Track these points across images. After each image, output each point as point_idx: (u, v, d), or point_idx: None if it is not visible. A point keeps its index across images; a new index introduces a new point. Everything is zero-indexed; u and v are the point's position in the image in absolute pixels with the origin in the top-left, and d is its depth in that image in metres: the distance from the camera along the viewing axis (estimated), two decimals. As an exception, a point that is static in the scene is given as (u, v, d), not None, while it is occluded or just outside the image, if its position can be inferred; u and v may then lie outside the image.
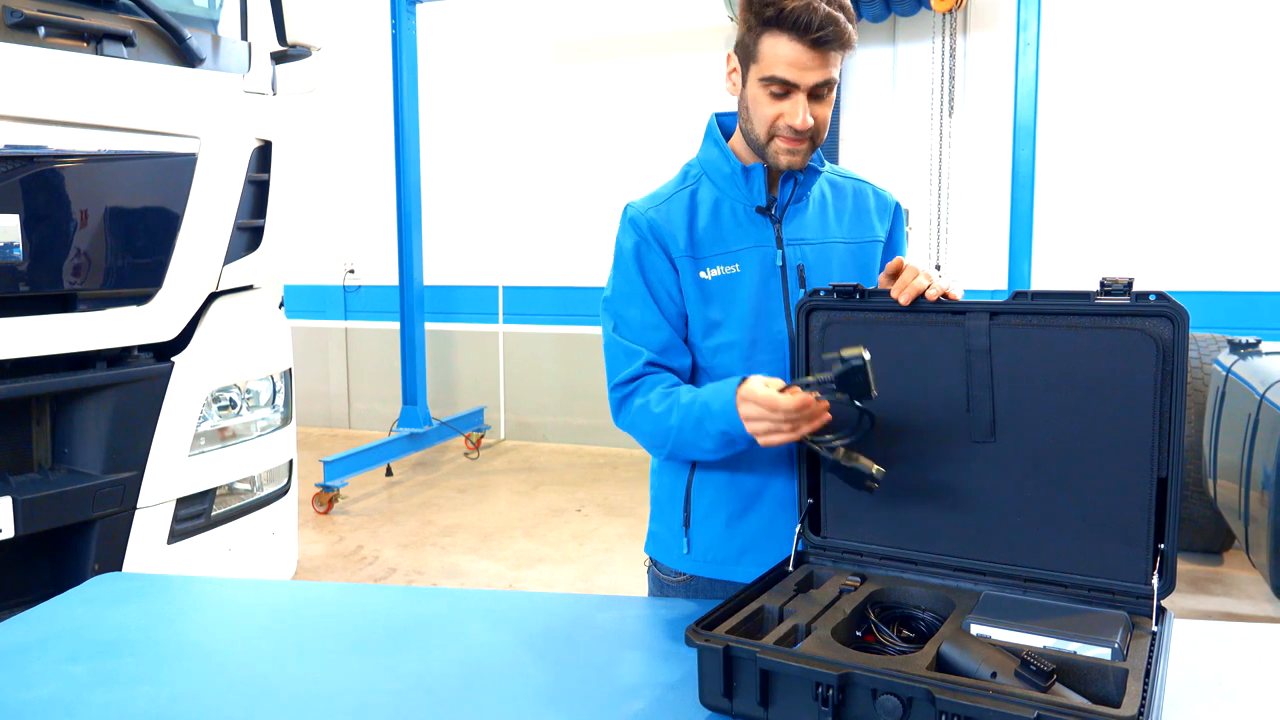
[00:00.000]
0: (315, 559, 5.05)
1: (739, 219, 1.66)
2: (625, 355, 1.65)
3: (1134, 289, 1.31)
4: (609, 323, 1.69)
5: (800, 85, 1.51)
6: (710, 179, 1.69)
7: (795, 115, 1.52)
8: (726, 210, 1.67)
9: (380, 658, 1.50)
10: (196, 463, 3.15)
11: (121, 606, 1.73)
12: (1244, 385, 3.69)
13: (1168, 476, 1.33)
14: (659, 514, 1.79)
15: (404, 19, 6.61)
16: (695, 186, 1.69)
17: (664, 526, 1.77)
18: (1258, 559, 3.42)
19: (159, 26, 2.93)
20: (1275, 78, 5.67)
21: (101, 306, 2.91)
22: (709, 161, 1.70)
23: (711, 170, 1.69)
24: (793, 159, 1.58)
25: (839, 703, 1.18)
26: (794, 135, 1.55)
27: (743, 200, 1.66)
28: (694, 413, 1.53)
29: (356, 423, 8.23)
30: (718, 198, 1.68)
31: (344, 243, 8.07)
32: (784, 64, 1.49)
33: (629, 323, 1.66)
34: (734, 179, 1.66)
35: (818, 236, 1.68)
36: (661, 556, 1.79)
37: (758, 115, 1.57)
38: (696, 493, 1.71)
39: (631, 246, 1.66)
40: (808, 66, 1.49)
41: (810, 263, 1.66)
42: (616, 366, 1.66)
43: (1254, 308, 5.77)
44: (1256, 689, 1.34)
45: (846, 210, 1.73)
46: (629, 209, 1.70)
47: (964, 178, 6.38)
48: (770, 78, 1.51)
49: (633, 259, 1.66)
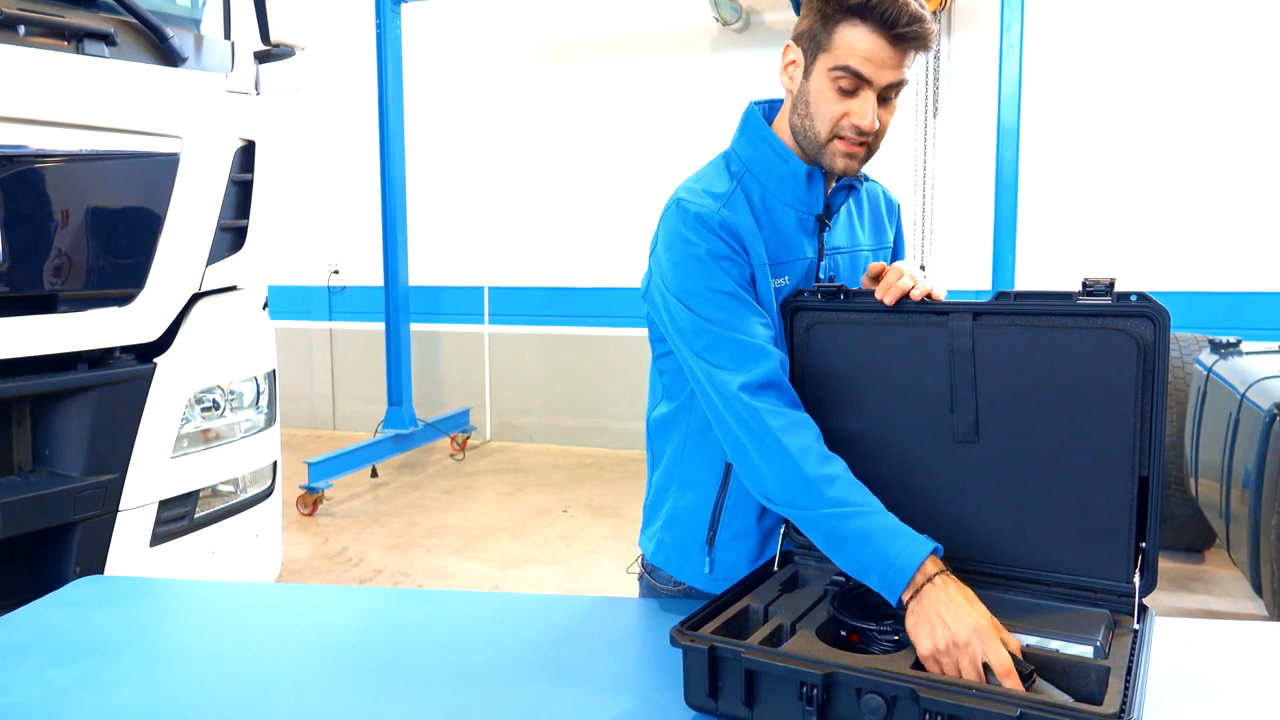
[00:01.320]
0: (300, 561, 5.02)
1: (792, 224, 1.54)
2: (746, 351, 1.41)
3: (1116, 289, 1.32)
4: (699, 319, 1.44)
5: (874, 82, 1.41)
6: (758, 178, 1.54)
7: (864, 115, 1.42)
8: (779, 213, 1.53)
9: (365, 660, 1.49)
10: (179, 465, 3.13)
11: (103, 609, 1.72)
12: (1225, 385, 3.72)
13: (1149, 475, 1.33)
14: (674, 526, 1.64)
15: (389, 18, 6.59)
16: (742, 184, 1.53)
17: (679, 539, 1.63)
18: (1238, 557, 3.45)
19: (141, 26, 2.91)
20: (1256, 80, 5.72)
21: (83, 307, 2.89)
22: (757, 159, 1.55)
23: (760, 169, 1.54)
24: (850, 163, 1.48)
25: (824, 702, 1.18)
26: (857, 137, 1.45)
27: (799, 205, 1.54)
28: (853, 531, 1.31)
29: (341, 424, 8.20)
30: (767, 199, 1.53)
31: (328, 243, 8.04)
32: (860, 56, 1.39)
33: (733, 320, 1.44)
34: (794, 182, 1.52)
35: (849, 244, 1.62)
36: (673, 569, 1.66)
37: (821, 111, 1.45)
38: (729, 512, 1.58)
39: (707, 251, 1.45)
40: (885, 63, 1.40)
41: (842, 272, 1.60)
42: (740, 360, 1.41)
43: (1235, 308, 5.82)
44: (1238, 686, 1.35)
45: (867, 216, 1.68)
46: (688, 205, 1.48)
47: (948, 178, 6.41)
48: (844, 67, 1.40)
49: (713, 263, 1.45)
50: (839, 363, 1.51)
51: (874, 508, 1.33)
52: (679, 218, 1.49)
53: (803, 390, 1.51)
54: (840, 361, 1.51)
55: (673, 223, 1.50)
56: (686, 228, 1.47)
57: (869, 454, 1.50)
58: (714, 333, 1.43)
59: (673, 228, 1.50)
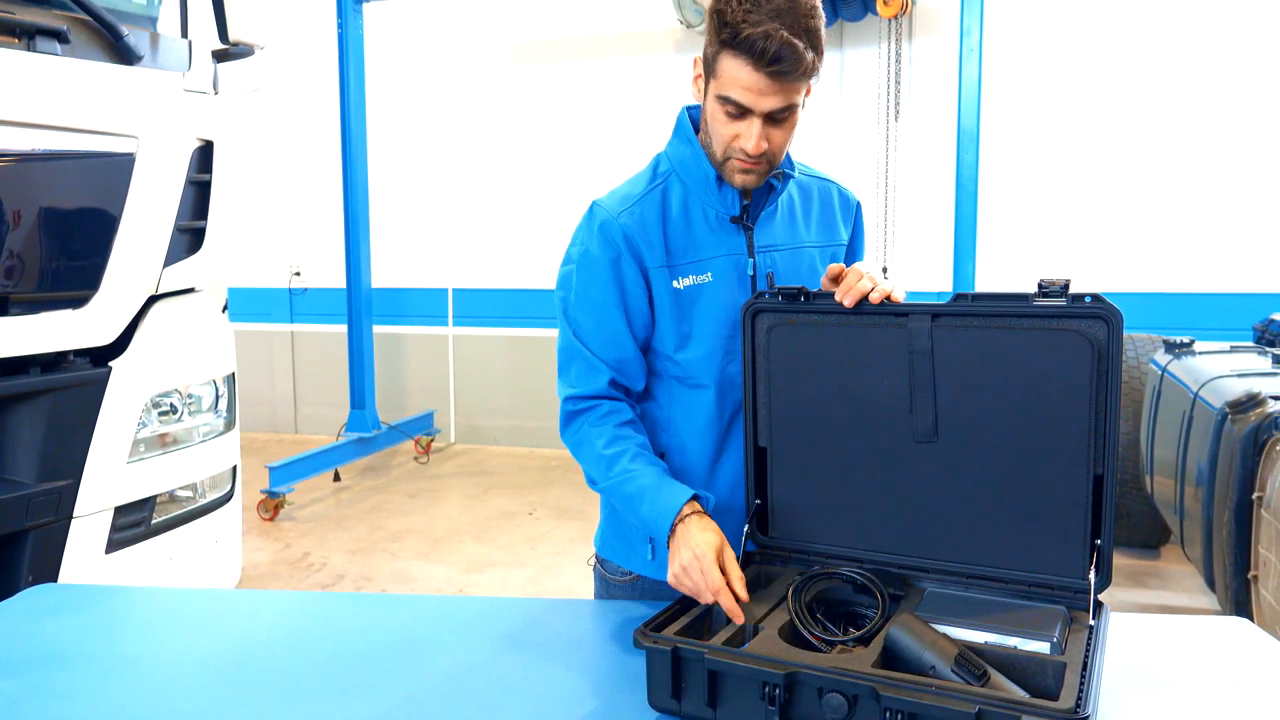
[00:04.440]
0: (260, 566, 4.96)
1: (711, 225, 1.62)
2: (587, 368, 1.61)
3: (1070, 291, 1.34)
4: (570, 327, 1.63)
5: (755, 110, 1.46)
6: (681, 179, 1.63)
7: (749, 140, 1.48)
8: (698, 215, 1.62)
9: (326, 666, 1.48)
10: (136, 470, 3.07)
11: (56, 618, 1.69)
12: (1178, 384, 3.79)
13: (1104, 474, 1.36)
14: (616, 519, 1.74)
15: (350, 18, 6.53)
16: (665, 185, 1.63)
17: (622, 532, 1.73)
18: (1192, 553, 3.52)
19: (95, 23, 2.86)
20: (1211, 85, 5.85)
21: (35, 310, 2.83)
22: (681, 161, 1.63)
23: (683, 170, 1.63)
24: (747, 179, 1.55)
25: (785, 702, 1.19)
26: (747, 158, 1.51)
27: (715, 206, 1.61)
28: (630, 493, 1.53)
29: (303, 427, 8.11)
30: (688, 200, 1.62)
31: (290, 244, 7.95)
32: (740, 87, 1.44)
33: (593, 333, 1.61)
34: (707, 185, 1.61)
35: (787, 241, 1.66)
36: (619, 559, 1.75)
37: (715, 133, 1.53)
38: None
39: (601, 255, 1.59)
40: (764, 92, 1.43)
41: (780, 269, 1.63)
42: (574, 377, 1.62)
43: (1189, 309, 5.94)
44: (1190, 679, 1.38)
45: (814, 213, 1.71)
46: (598, 210, 1.62)
47: (910, 181, 6.47)
48: (725, 98, 1.46)
49: (605, 268, 1.59)
50: (800, 364, 1.52)
51: (647, 472, 1.53)
52: (585, 220, 1.65)
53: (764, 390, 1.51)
54: (801, 363, 1.52)
55: (581, 223, 1.65)
56: (585, 229, 1.63)
57: (829, 453, 1.52)
58: (570, 344, 1.63)
59: (579, 228, 1.65)
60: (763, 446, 1.57)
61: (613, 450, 1.56)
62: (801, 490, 1.55)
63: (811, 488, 1.54)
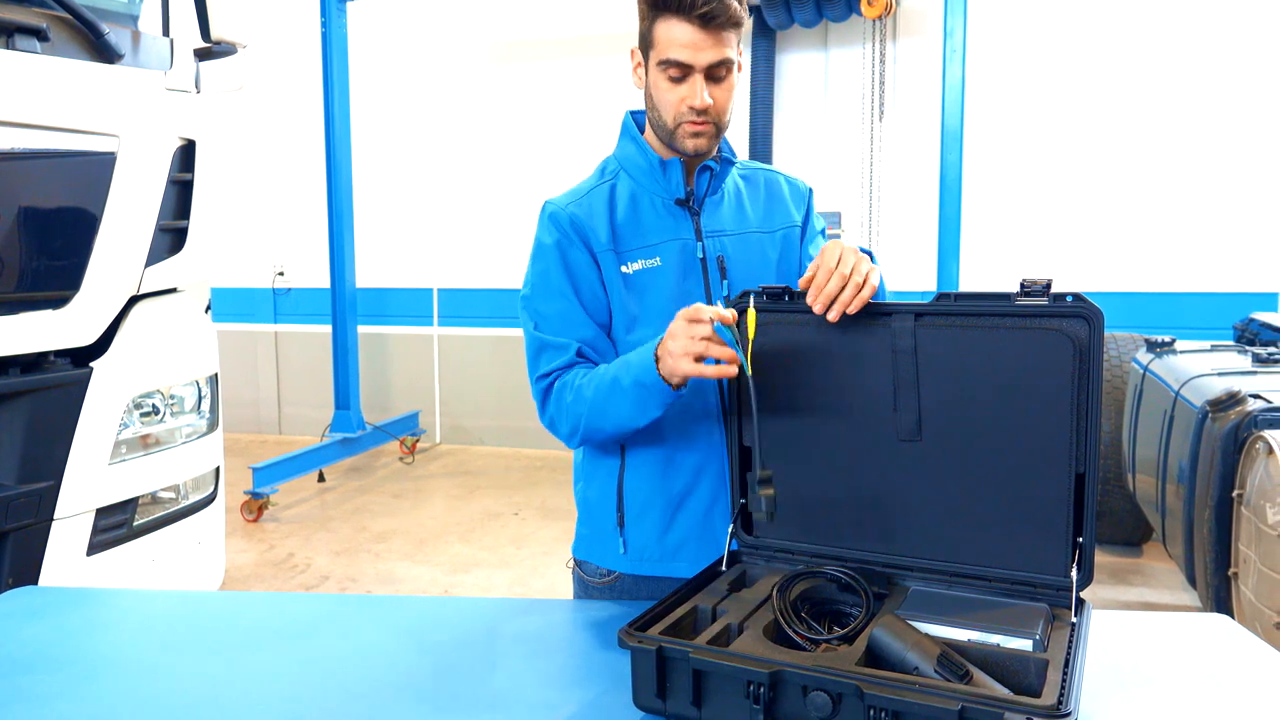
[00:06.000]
0: (244, 568, 4.93)
1: (658, 211, 1.69)
2: (553, 349, 1.65)
3: (1052, 290, 1.35)
4: (530, 321, 1.68)
5: (695, 65, 1.55)
6: (628, 173, 1.71)
7: (694, 96, 1.56)
8: (645, 203, 1.69)
9: (311, 668, 1.47)
10: (117, 471, 3.05)
11: (37, 621, 1.67)
12: (1160, 383, 3.82)
13: (1085, 472, 1.36)
14: (588, 517, 1.78)
15: (334, 17, 6.51)
16: (614, 181, 1.72)
17: (595, 529, 1.77)
18: (1174, 550, 3.54)
19: (75, 21, 2.84)
20: (1194, 87, 5.89)
21: (15, 310, 2.80)
22: (626, 157, 1.73)
23: (629, 165, 1.72)
24: (698, 141, 1.61)
25: (770, 700, 1.19)
26: (698, 117, 1.58)
27: (661, 193, 1.69)
28: (611, 372, 1.55)
29: (287, 428, 8.07)
30: (636, 191, 1.70)
31: (273, 244, 7.90)
32: (677, 45, 1.54)
33: (552, 319, 1.66)
34: (652, 172, 1.69)
35: (736, 227, 1.72)
36: (594, 558, 1.78)
37: (662, 102, 1.60)
38: (629, 493, 1.71)
39: (553, 243, 1.66)
40: (700, 46, 1.53)
41: (730, 254, 1.69)
42: (543, 363, 1.66)
43: (1170, 308, 5.99)
44: (1172, 676, 1.39)
45: (760, 200, 1.77)
46: (548, 205, 1.71)
47: (894, 181, 6.50)
48: (666, 60, 1.55)
49: (555, 255, 1.66)
50: (784, 363, 1.52)
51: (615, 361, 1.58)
52: (540, 215, 1.73)
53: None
54: (785, 362, 1.52)
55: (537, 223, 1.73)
56: (539, 225, 1.71)
57: (814, 453, 1.52)
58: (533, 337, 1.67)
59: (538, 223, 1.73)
60: (747, 446, 1.57)
61: (583, 379, 1.60)
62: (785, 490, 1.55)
63: (795, 487, 1.54)
